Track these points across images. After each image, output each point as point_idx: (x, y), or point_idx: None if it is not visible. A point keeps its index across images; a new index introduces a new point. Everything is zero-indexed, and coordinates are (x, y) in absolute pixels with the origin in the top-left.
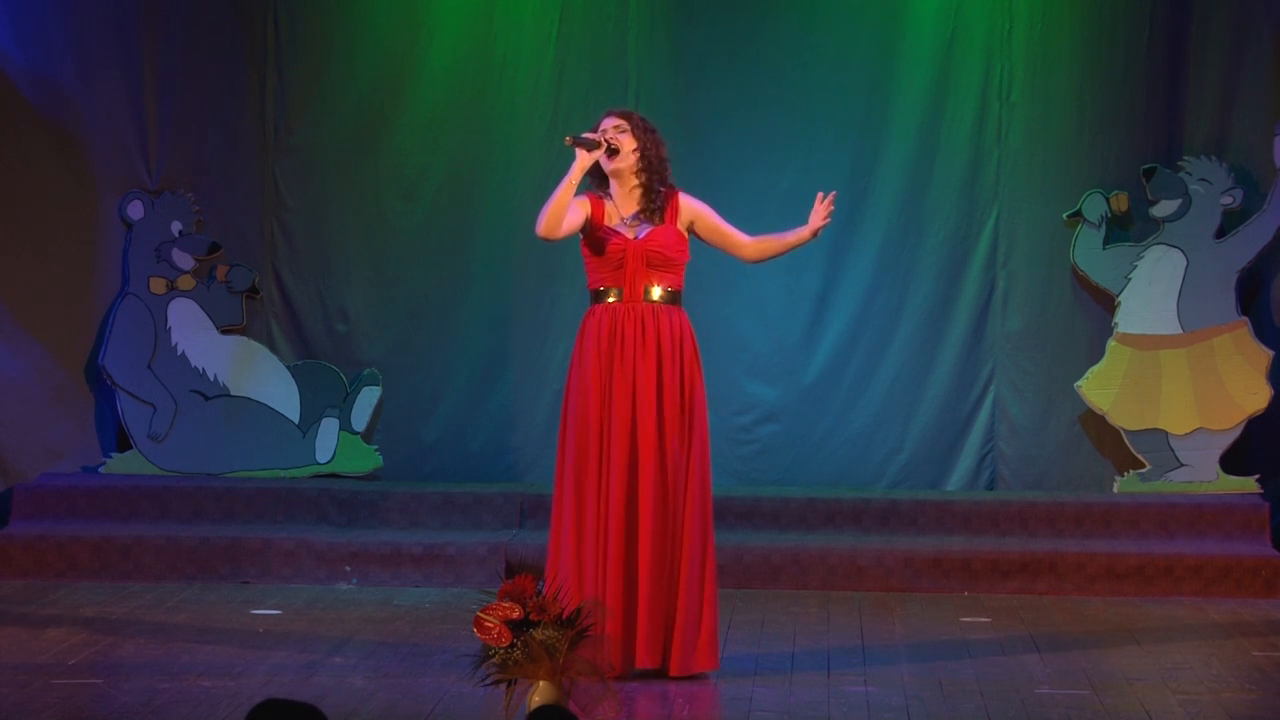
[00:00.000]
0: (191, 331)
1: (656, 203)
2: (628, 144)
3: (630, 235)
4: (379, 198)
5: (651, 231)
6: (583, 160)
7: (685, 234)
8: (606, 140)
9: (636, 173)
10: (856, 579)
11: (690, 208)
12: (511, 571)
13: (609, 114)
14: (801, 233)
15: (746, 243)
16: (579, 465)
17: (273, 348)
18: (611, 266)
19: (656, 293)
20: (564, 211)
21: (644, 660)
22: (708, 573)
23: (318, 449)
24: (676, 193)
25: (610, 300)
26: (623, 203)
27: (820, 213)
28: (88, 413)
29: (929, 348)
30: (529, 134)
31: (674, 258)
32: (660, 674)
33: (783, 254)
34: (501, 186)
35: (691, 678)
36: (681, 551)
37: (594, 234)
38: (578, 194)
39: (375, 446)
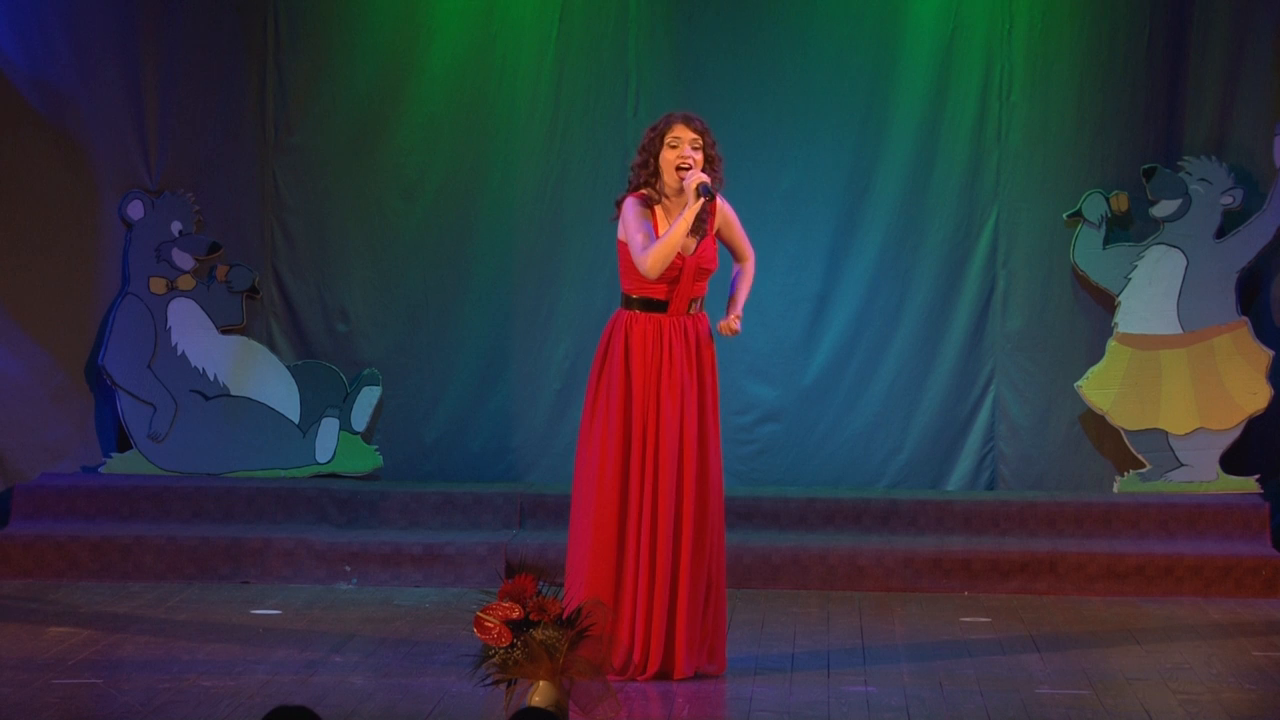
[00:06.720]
0: (191, 331)
1: (704, 213)
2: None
3: (685, 251)
4: (379, 198)
5: (701, 245)
6: (695, 208)
7: (717, 241)
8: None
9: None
10: (856, 579)
11: (723, 214)
12: (511, 571)
13: (683, 123)
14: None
15: (743, 262)
16: (618, 474)
17: (273, 348)
18: (666, 280)
19: (696, 304)
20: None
21: (683, 670)
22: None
23: (318, 449)
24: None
25: (657, 312)
26: (673, 207)
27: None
28: (88, 413)
29: (929, 348)
30: (529, 134)
31: (712, 268)
32: (661, 674)
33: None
34: (501, 186)
35: (691, 678)
36: (716, 557)
37: None
38: (636, 198)
39: (375, 446)
